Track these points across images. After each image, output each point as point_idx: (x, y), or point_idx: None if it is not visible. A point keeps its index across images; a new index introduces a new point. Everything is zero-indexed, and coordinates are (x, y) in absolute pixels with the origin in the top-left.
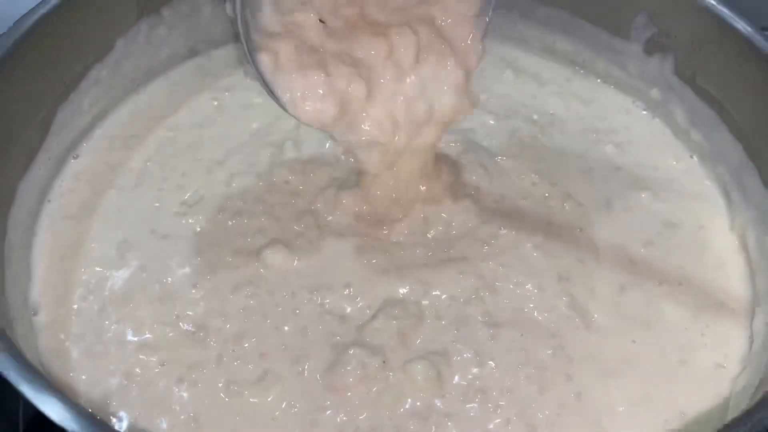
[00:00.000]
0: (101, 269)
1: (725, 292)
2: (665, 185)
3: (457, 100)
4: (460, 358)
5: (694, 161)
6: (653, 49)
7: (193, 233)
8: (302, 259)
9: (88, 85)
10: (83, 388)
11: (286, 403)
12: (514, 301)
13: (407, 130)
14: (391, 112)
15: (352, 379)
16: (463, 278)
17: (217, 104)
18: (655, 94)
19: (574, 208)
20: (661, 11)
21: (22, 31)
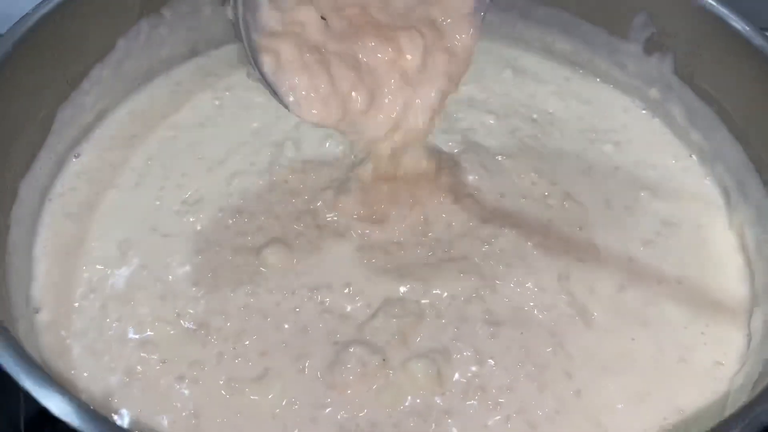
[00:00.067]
0: (102, 267)
1: (724, 290)
2: (664, 184)
3: (449, 88)
4: (459, 356)
5: (693, 160)
6: (652, 48)
7: (193, 232)
8: (302, 258)
9: (89, 84)
10: (84, 385)
11: (286, 400)
12: (514, 299)
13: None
14: (391, 115)
15: (352, 377)
16: (463, 277)
17: (218, 104)
18: (654, 93)
19: (573, 207)
20: (660, 11)
21: (23, 30)
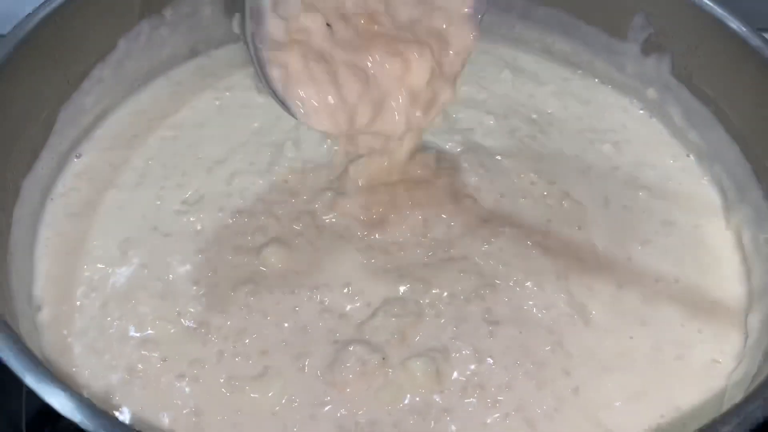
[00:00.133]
0: (103, 266)
1: (721, 289)
2: (662, 184)
3: (451, 96)
4: (458, 354)
5: (690, 160)
6: (650, 49)
7: (194, 231)
8: (302, 258)
9: (90, 84)
10: (86, 382)
11: (286, 398)
12: (513, 298)
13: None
14: (394, 125)
15: (351, 375)
16: (463, 277)
17: (218, 104)
18: (652, 93)
19: (572, 206)
20: (658, 12)
21: (25, 31)
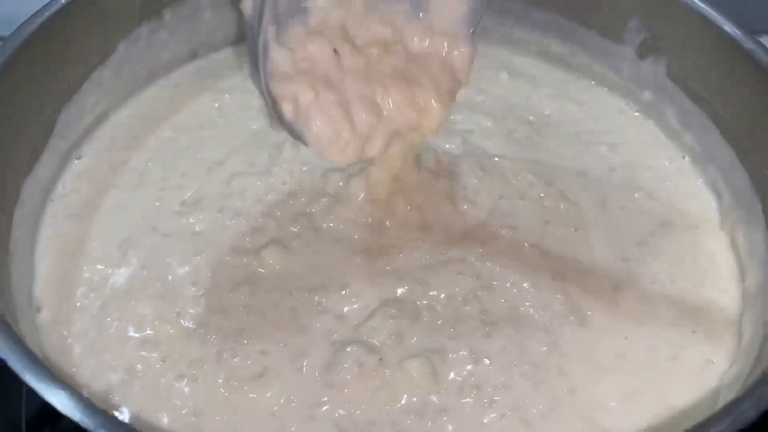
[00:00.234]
0: (103, 267)
1: (716, 290)
2: (658, 185)
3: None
4: (455, 355)
5: (686, 162)
6: (646, 52)
7: (193, 232)
8: (300, 259)
9: (90, 86)
10: (86, 382)
11: (284, 398)
12: (510, 299)
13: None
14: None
15: (349, 376)
16: (460, 278)
17: (217, 106)
18: (647, 96)
19: (569, 208)
20: (653, 16)
21: (26, 34)
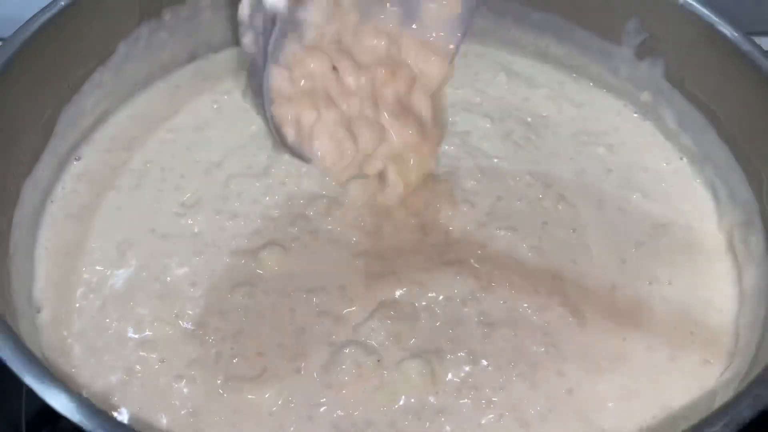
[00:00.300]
0: (102, 268)
1: (713, 290)
2: (655, 187)
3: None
4: (453, 356)
5: (683, 163)
6: (644, 53)
7: (191, 233)
8: (298, 261)
9: (90, 88)
10: (85, 383)
11: (283, 399)
12: (508, 300)
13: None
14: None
15: (347, 377)
16: (459, 280)
17: (216, 107)
18: (645, 97)
19: (567, 209)
20: (651, 17)
21: (26, 35)
